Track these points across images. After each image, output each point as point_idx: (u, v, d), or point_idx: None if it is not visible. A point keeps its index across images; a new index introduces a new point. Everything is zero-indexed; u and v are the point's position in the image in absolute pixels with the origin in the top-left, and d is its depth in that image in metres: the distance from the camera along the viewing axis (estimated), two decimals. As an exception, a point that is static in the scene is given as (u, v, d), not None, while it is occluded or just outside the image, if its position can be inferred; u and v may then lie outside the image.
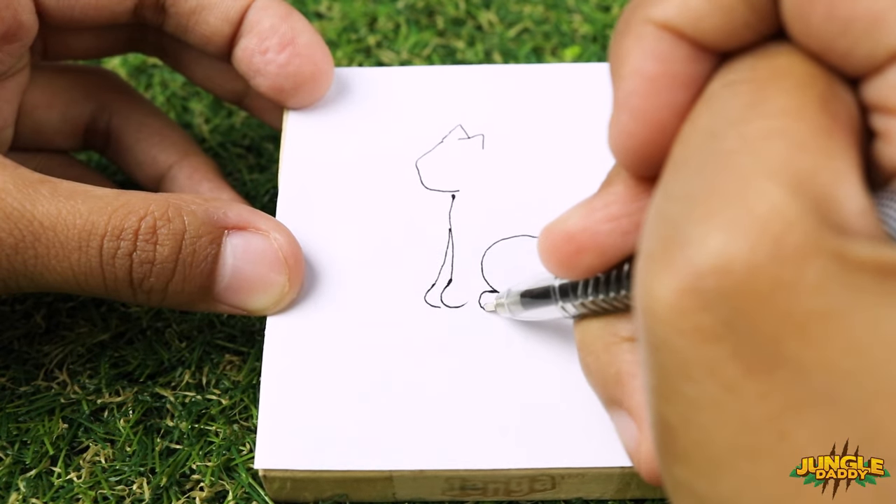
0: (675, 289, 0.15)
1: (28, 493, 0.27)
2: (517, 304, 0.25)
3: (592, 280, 0.21)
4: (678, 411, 0.16)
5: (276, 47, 0.28)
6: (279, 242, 0.26)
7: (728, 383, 0.15)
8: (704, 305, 0.15)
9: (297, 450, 0.24)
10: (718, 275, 0.15)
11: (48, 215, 0.24)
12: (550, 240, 0.21)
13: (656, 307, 0.15)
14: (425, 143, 0.29)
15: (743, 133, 0.15)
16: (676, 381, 0.16)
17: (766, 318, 0.14)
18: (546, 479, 0.24)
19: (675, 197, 0.16)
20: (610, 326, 0.21)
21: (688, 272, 0.15)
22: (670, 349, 0.16)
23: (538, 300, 0.23)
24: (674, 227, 0.16)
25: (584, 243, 0.20)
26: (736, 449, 0.15)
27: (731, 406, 0.15)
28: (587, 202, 0.21)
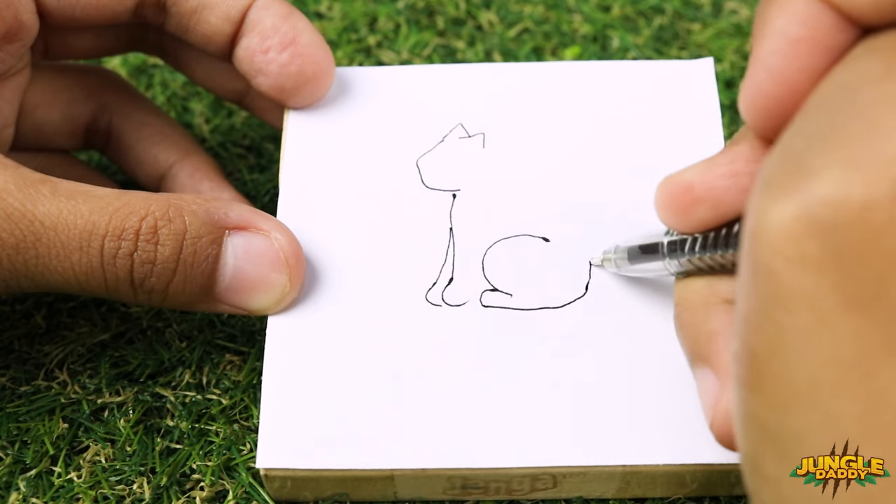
0: (788, 215, 0.15)
1: (28, 493, 0.27)
2: (624, 258, 0.25)
3: (701, 237, 0.22)
4: (767, 340, 0.16)
5: (278, 47, 0.28)
6: (280, 242, 0.26)
7: (824, 315, 0.15)
8: (815, 234, 0.15)
9: (299, 449, 0.24)
10: (834, 206, 0.15)
11: (49, 215, 0.24)
12: (669, 189, 0.22)
13: (766, 231, 0.16)
14: (426, 142, 0.29)
15: (881, 89, 0.16)
16: (772, 308, 0.16)
17: (874, 256, 0.15)
18: (547, 477, 0.24)
19: (802, 133, 0.16)
20: (711, 286, 0.22)
21: (803, 200, 0.15)
22: (772, 275, 0.16)
23: (645, 255, 0.24)
24: (796, 159, 0.16)
25: (702, 195, 0.21)
26: (817, 383, 0.15)
27: (822, 339, 0.15)
28: (711, 158, 0.21)
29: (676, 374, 0.25)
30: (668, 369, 0.25)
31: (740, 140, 0.21)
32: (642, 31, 0.39)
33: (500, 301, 0.26)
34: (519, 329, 0.26)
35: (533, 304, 0.26)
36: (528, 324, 0.26)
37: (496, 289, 0.27)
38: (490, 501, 0.26)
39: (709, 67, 0.30)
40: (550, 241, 0.27)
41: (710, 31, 0.39)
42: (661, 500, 0.26)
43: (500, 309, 0.26)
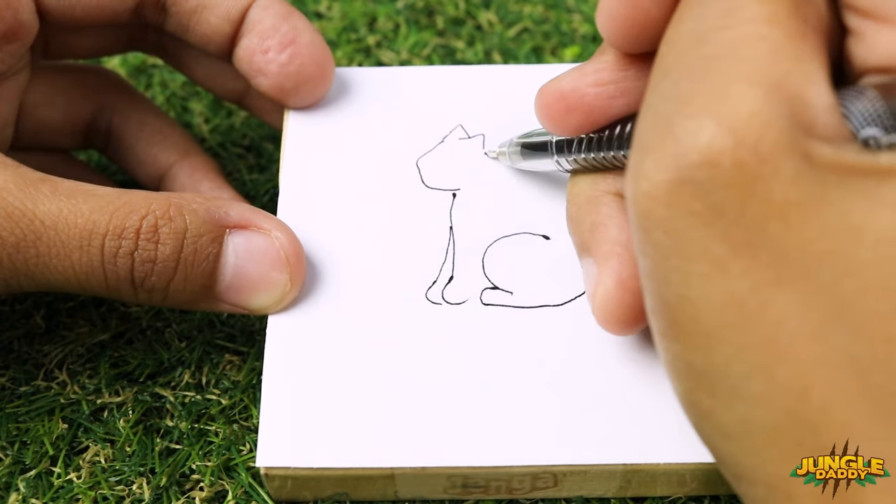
0: (670, 178, 0.17)
1: (28, 494, 0.27)
2: (517, 153, 0.27)
3: (585, 139, 0.24)
4: (673, 290, 0.18)
5: (278, 47, 0.28)
6: (281, 241, 0.26)
7: (717, 261, 0.17)
8: (696, 193, 0.17)
9: (299, 448, 0.24)
10: (708, 167, 0.17)
11: (49, 214, 0.24)
12: (544, 97, 0.24)
13: (653, 193, 0.17)
14: (426, 142, 0.29)
15: (723, 38, 0.17)
16: (671, 260, 0.17)
17: (750, 206, 0.16)
18: (548, 476, 0.24)
19: (665, 96, 0.18)
20: (595, 182, 0.24)
21: (682, 163, 0.17)
22: (665, 231, 0.17)
23: (536, 152, 0.26)
24: (666, 122, 0.17)
25: (574, 103, 0.23)
26: (725, 321, 0.17)
27: (719, 282, 0.17)
28: (579, 67, 0.23)
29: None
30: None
31: (605, 50, 0.23)
32: (642, 31, 0.39)
33: (501, 299, 0.26)
34: (519, 327, 0.26)
35: (533, 302, 0.26)
36: (528, 322, 0.26)
37: (496, 287, 0.27)
38: (490, 500, 0.26)
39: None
40: (550, 239, 0.27)
41: (709, 31, 0.39)
42: (662, 499, 0.26)
43: (501, 307, 0.26)
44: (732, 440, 0.18)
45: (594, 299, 0.23)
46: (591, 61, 0.23)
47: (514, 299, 0.26)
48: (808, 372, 0.16)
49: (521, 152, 0.27)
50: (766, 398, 0.17)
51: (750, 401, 0.17)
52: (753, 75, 0.17)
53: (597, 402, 0.25)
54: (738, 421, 0.17)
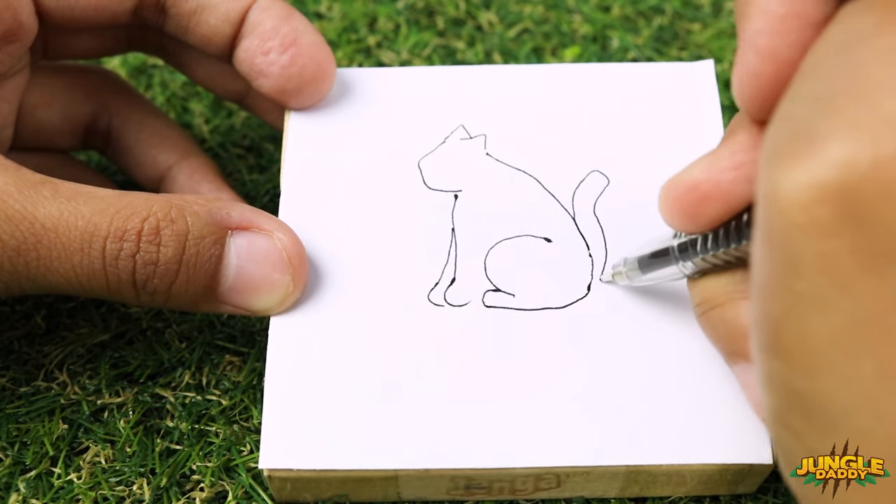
0: (800, 182, 0.15)
1: (28, 494, 0.27)
2: (635, 269, 0.25)
3: (711, 234, 0.21)
4: (784, 305, 0.16)
5: (279, 48, 0.28)
6: (283, 242, 0.26)
7: (841, 277, 0.15)
8: (827, 199, 0.15)
9: (302, 450, 0.24)
10: (843, 169, 0.15)
11: (50, 217, 0.24)
12: (674, 191, 0.21)
13: (777, 198, 0.16)
14: (427, 143, 0.29)
15: (874, 46, 0.16)
16: (787, 274, 0.16)
17: (886, 214, 0.15)
18: (551, 477, 0.25)
19: (804, 98, 0.16)
20: (735, 282, 0.22)
21: (813, 166, 0.15)
22: (786, 242, 0.16)
23: (656, 262, 0.24)
24: (802, 124, 0.16)
25: (709, 192, 0.21)
26: (838, 345, 0.16)
27: (840, 300, 0.15)
28: (711, 153, 0.21)
29: (679, 374, 0.25)
30: (671, 369, 0.25)
31: (737, 129, 0.21)
32: (642, 31, 0.39)
33: (503, 301, 0.26)
34: (521, 329, 0.26)
35: (535, 305, 0.26)
36: (530, 324, 0.26)
37: (498, 289, 0.27)
38: (493, 501, 0.26)
39: (709, 69, 0.30)
40: (552, 242, 0.27)
41: (709, 31, 0.39)
42: (662, 499, 0.26)
43: (503, 309, 0.26)
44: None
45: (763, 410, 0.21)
46: (723, 145, 0.21)
47: (516, 301, 0.26)
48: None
49: (641, 265, 0.25)
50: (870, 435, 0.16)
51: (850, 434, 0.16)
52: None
53: (599, 403, 0.25)
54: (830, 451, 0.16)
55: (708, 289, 0.22)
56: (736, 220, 0.21)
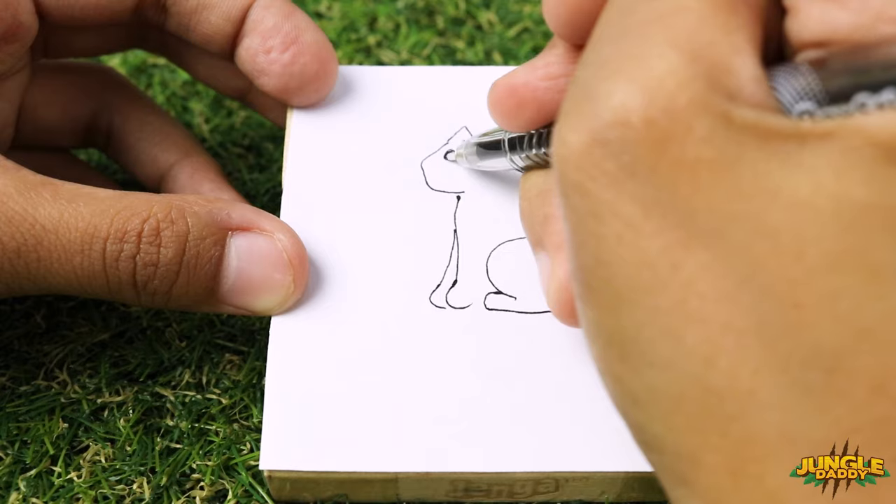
0: (584, 139, 0.17)
1: (28, 493, 0.27)
2: (474, 154, 0.27)
3: (535, 134, 0.24)
4: (588, 252, 0.18)
5: (280, 46, 0.28)
6: (283, 243, 0.26)
7: (628, 221, 0.17)
8: (609, 153, 0.17)
9: (303, 451, 0.24)
10: (620, 126, 0.16)
11: (50, 218, 0.24)
12: (496, 93, 0.24)
13: (568, 155, 0.17)
14: (431, 144, 0.29)
15: (652, 8, 0.17)
16: (586, 222, 0.17)
17: (661, 165, 0.16)
18: (550, 481, 0.25)
19: (588, 63, 0.18)
20: (547, 176, 0.24)
21: (594, 123, 0.17)
22: (580, 193, 0.17)
23: (491, 151, 0.26)
24: (583, 86, 0.17)
25: (525, 97, 0.23)
26: (635, 283, 0.17)
27: (630, 242, 0.17)
28: (530, 62, 0.24)
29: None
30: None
31: (554, 44, 0.23)
32: (642, 31, 0.39)
33: (505, 304, 0.26)
34: (523, 332, 0.26)
35: (537, 308, 0.26)
36: (532, 327, 0.26)
37: (500, 291, 0.27)
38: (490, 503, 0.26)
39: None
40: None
41: (709, 31, 0.39)
42: (660, 503, 0.26)
43: (505, 312, 0.26)
44: (640, 407, 0.17)
45: (548, 292, 0.23)
46: (541, 55, 0.23)
47: (518, 304, 0.26)
48: (715, 337, 0.16)
49: (477, 152, 0.27)
50: (673, 363, 0.16)
51: (657, 366, 0.17)
52: (673, 40, 0.16)
53: (599, 408, 0.25)
54: (646, 387, 0.17)
55: (527, 182, 0.25)
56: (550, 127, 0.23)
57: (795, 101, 0.17)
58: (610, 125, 0.16)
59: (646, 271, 0.17)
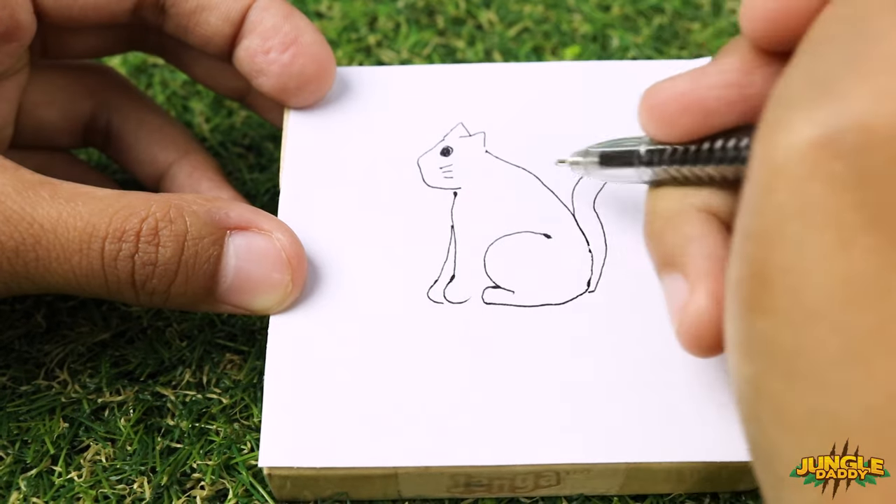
0: (817, 133, 0.16)
1: (29, 493, 0.27)
2: (595, 163, 0.25)
3: (682, 148, 0.22)
4: (783, 255, 0.16)
5: (279, 47, 0.28)
6: (282, 242, 0.26)
7: (846, 232, 0.16)
8: (842, 154, 0.15)
9: (302, 448, 0.24)
10: (863, 130, 0.15)
11: (49, 218, 0.24)
12: (656, 97, 0.22)
13: (792, 147, 0.16)
14: (427, 141, 0.29)
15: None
16: (791, 223, 0.16)
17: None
18: (551, 474, 0.25)
19: (825, 58, 0.17)
20: (686, 196, 0.22)
21: (833, 121, 0.16)
22: (795, 190, 0.16)
23: (618, 161, 0.24)
24: (824, 82, 0.16)
25: (691, 104, 0.21)
26: (834, 300, 0.16)
27: (841, 255, 0.16)
28: (700, 68, 0.21)
29: (679, 370, 0.25)
30: (672, 365, 0.25)
31: (730, 52, 0.21)
32: (642, 30, 0.39)
33: (502, 298, 0.26)
34: (521, 326, 0.26)
35: (535, 301, 0.26)
36: (530, 321, 0.26)
37: (498, 286, 0.27)
38: (493, 499, 0.26)
39: (709, 66, 0.30)
40: (552, 238, 0.27)
41: (709, 30, 0.39)
42: (662, 496, 0.26)
43: (502, 306, 0.26)
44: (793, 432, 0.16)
45: (684, 318, 0.21)
46: (714, 63, 0.21)
47: (516, 298, 0.26)
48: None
49: (602, 160, 0.25)
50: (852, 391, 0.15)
51: (832, 391, 0.16)
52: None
53: (599, 400, 0.25)
54: (808, 412, 0.16)
55: (661, 200, 0.23)
56: (709, 141, 0.21)
57: None
58: (852, 127, 0.15)
59: (851, 288, 0.15)
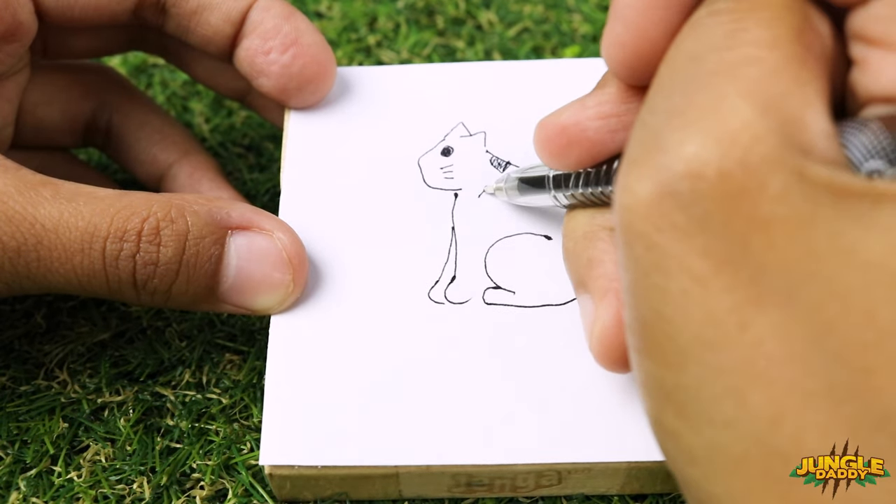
0: (653, 189, 0.17)
1: (28, 493, 0.27)
2: (514, 188, 0.26)
3: (583, 173, 0.23)
4: (651, 306, 0.17)
5: (280, 48, 0.28)
6: (283, 242, 0.26)
7: (697, 277, 0.16)
8: (679, 205, 0.16)
9: (303, 447, 0.24)
10: (692, 178, 0.16)
11: (50, 218, 0.24)
12: (545, 131, 0.23)
13: (635, 206, 0.17)
14: (427, 141, 0.29)
15: (723, 58, 0.17)
16: (651, 275, 0.17)
17: (734, 220, 0.16)
18: (552, 474, 0.25)
19: (657, 110, 0.18)
20: (593, 217, 0.23)
21: (666, 174, 0.16)
22: (646, 245, 0.17)
23: (534, 187, 0.25)
24: (654, 135, 0.17)
25: (575, 136, 0.22)
26: (701, 340, 0.16)
27: (698, 298, 0.16)
28: (580, 100, 0.23)
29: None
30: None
31: (607, 82, 0.22)
32: (641, 30, 0.39)
33: (503, 299, 0.27)
34: (522, 326, 0.26)
35: (535, 302, 0.26)
36: (530, 321, 0.26)
37: (499, 286, 0.27)
38: (494, 498, 0.26)
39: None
40: (552, 239, 0.27)
41: (709, 30, 0.39)
42: (662, 496, 0.26)
43: (503, 306, 0.26)
44: (697, 465, 0.17)
45: (591, 336, 0.22)
46: (592, 94, 0.22)
47: (517, 299, 0.26)
48: (782, 398, 0.16)
49: (519, 187, 0.26)
50: (736, 423, 0.16)
51: (719, 425, 0.16)
52: (747, 92, 0.16)
53: (599, 399, 0.25)
54: (705, 446, 0.17)
55: (572, 221, 0.24)
56: (606, 165, 0.22)
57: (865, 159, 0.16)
58: (682, 177, 0.16)
59: (712, 329, 0.16)
